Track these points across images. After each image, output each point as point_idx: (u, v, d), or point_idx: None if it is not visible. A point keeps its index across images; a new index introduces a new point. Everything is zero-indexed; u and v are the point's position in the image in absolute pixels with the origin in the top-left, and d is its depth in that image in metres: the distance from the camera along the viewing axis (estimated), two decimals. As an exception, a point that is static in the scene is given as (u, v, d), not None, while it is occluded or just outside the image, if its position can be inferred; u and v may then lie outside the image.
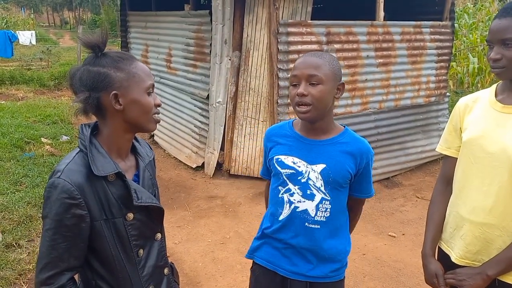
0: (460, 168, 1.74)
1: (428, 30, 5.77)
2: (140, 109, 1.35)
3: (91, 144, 1.33)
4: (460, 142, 1.74)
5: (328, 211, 1.69)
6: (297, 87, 1.58)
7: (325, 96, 1.57)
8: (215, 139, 5.51)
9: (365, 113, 5.39)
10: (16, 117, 7.74)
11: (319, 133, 1.68)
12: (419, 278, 3.45)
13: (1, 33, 13.01)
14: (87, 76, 1.30)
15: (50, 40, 25.08)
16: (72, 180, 1.27)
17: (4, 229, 3.91)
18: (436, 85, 6.10)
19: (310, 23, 4.81)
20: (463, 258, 1.70)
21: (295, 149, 1.69)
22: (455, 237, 1.74)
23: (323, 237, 1.71)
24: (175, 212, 4.58)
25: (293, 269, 1.75)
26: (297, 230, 1.70)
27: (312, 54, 1.64)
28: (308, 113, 1.58)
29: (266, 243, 1.81)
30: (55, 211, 1.27)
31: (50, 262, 1.29)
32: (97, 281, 1.39)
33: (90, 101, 1.30)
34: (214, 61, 5.37)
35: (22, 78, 11.69)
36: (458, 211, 1.72)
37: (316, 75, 1.55)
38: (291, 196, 1.69)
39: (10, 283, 3.25)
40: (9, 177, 5.09)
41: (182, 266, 3.56)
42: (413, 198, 5.09)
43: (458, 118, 1.76)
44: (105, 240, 1.34)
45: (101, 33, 1.32)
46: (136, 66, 1.35)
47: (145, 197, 1.40)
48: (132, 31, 7.90)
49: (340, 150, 1.66)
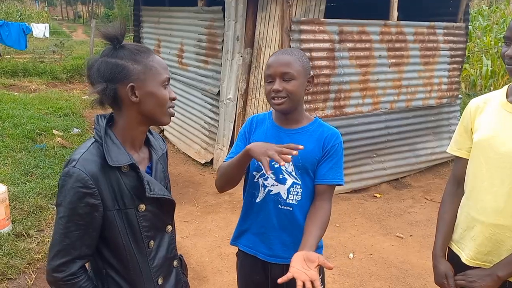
0: (471, 169, 1.73)
1: (441, 31, 5.73)
2: (155, 102, 1.36)
3: (106, 135, 1.35)
4: (471, 143, 1.73)
5: (299, 195, 1.79)
6: (272, 84, 1.71)
7: (298, 89, 1.71)
8: (224, 135, 5.52)
9: (376, 113, 5.36)
10: (29, 109, 7.83)
11: (292, 123, 1.81)
12: (426, 280, 3.44)
13: (16, 25, 13.14)
14: (105, 67, 1.31)
15: (63, 33, 25.27)
16: (86, 169, 1.29)
17: (15, 218, 3.96)
18: (448, 87, 6.05)
19: (323, 21, 4.80)
20: (474, 259, 1.69)
21: (270, 136, 1.81)
22: (465, 237, 1.73)
23: (295, 219, 1.80)
24: (183, 207, 4.61)
25: (270, 252, 1.85)
26: (271, 212, 1.81)
27: (283, 52, 1.76)
28: (283, 105, 1.71)
29: (247, 230, 1.92)
30: (69, 199, 1.29)
31: (63, 250, 1.31)
32: (107, 270, 1.41)
33: (107, 92, 1.31)
34: (226, 57, 5.38)
35: (35, 70, 11.81)
36: (469, 211, 1.71)
37: (288, 72, 1.68)
38: (265, 180, 1.81)
39: (19, 271, 3.29)
40: (20, 168, 5.15)
41: (189, 260, 3.58)
42: (422, 200, 5.06)
43: (469, 119, 1.75)
44: (117, 229, 1.36)
45: (120, 26, 1.33)
46: (153, 59, 1.36)
47: (157, 189, 1.41)
48: (145, 26, 7.94)
49: (309, 137, 1.79)
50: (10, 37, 12.71)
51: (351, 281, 3.42)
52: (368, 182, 5.28)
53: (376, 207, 4.83)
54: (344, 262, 3.68)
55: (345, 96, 5.05)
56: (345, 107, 5.09)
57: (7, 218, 3.77)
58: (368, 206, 4.84)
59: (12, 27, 12.86)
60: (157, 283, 1.47)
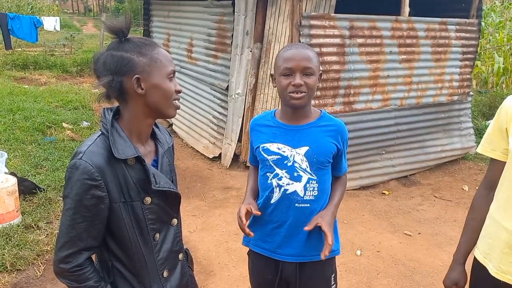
0: (506, 176, 1.57)
1: (453, 28, 5.66)
2: (161, 94, 1.37)
3: (113, 127, 1.36)
4: (506, 145, 1.59)
5: (316, 190, 1.79)
6: (290, 78, 1.70)
7: (315, 85, 1.73)
8: (232, 130, 5.52)
9: (386, 110, 5.32)
10: (39, 102, 7.89)
11: (301, 118, 1.80)
12: (434, 278, 3.41)
13: (27, 18, 13.23)
14: (110, 60, 1.32)
15: (74, 27, 25.40)
16: (93, 161, 1.30)
17: (24, 210, 4.00)
18: (459, 84, 5.98)
19: (333, 16, 4.76)
20: (505, 272, 1.56)
21: (279, 136, 1.80)
22: (494, 248, 1.59)
23: (313, 214, 1.79)
24: (191, 201, 4.62)
25: (283, 251, 1.83)
26: (288, 211, 1.80)
27: (301, 46, 1.76)
28: (302, 100, 1.71)
29: (259, 230, 1.89)
30: (76, 191, 1.30)
31: (69, 241, 1.32)
32: (113, 262, 1.42)
33: (113, 85, 1.32)
34: (235, 52, 5.36)
35: (46, 63, 11.90)
36: (501, 222, 1.57)
37: (310, 67, 1.69)
38: (279, 180, 1.80)
39: (28, 263, 3.32)
40: (30, 160, 5.19)
41: (196, 254, 3.59)
42: (431, 198, 5.02)
43: (505, 119, 1.58)
44: (123, 222, 1.37)
45: (125, 19, 1.34)
46: (158, 52, 1.37)
47: (163, 182, 1.42)
48: (154, 20, 7.95)
49: (321, 131, 1.79)
50: (22, 30, 12.81)
51: (358, 278, 3.41)
52: (377, 179, 5.24)
53: (384, 204, 4.80)
54: (351, 259, 3.67)
55: (354, 92, 5.02)
56: (355, 103, 5.05)
57: (17, 209, 3.81)
58: (376, 203, 4.81)
59: (24, 20, 12.96)
60: (162, 275, 1.48)
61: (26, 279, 3.18)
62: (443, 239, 4.06)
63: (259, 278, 1.97)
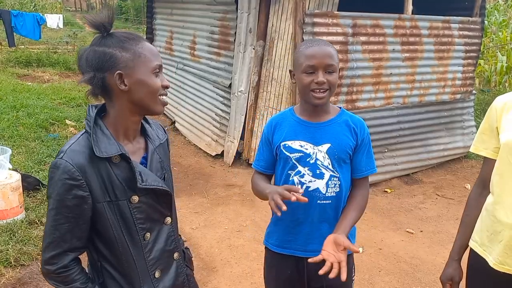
0: (498, 171, 1.62)
1: (457, 26, 5.65)
2: (145, 90, 1.32)
3: (96, 125, 1.32)
4: (497, 143, 1.64)
5: (337, 187, 1.79)
6: (312, 75, 1.68)
7: (337, 82, 1.73)
8: (235, 128, 5.53)
9: (388, 108, 5.32)
10: (42, 99, 7.91)
11: (321, 115, 1.80)
12: (436, 276, 3.42)
13: (30, 16, 13.25)
14: (92, 56, 1.29)
15: (77, 24, 25.41)
16: (73, 161, 1.27)
17: (28, 206, 4.02)
18: (462, 82, 5.98)
19: (336, 14, 4.76)
20: (503, 264, 1.59)
21: (300, 133, 1.79)
22: (493, 241, 1.62)
23: (335, 211, 1.80)
24: (193, 198, 4.63)
25: (308, 247, 1.81)
26: (310, 208, 1.78)
27: (322, 43, 1.73)
28: (324, 98, 1.71)
29: (280, 229, 1.87)
30: (57, 191, 1.27)
31: (53, 242, 1.30)
32: (102, 263, 1.40)
33: (95, 81, 1.29)
34: (238, 50, 5.37)
35: (49, 60, 11.92)
36: (496, 215, 1.61)
37: (333, 65, 1.69)
38: (302, 177, 1.79)
39: (32, 258, 3.35)
40: (33, 157, 5.22)
41: (198, 251, 3.61)
42: (433, 196, 5.02)
43: (495, 117, 1.64)
44: (108, 222, 1.33)
45: (107, 13, 1.30)
46: (142, 46, 1.32)
47: (150, 179, 1.37)
48: (157, 17, 7.95)
49: (341, 128, 1.78)
50: (25, 27, 12.84)
51: (360, 275, 3.42)
52: (379, 177, 5.25)
53: (386, 202, 4.81)
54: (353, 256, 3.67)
55: (357, 90, 5.02)
56: (357, 101, 5.06)
57: (21, 205, 3.83)
58: (379, 201, 4.82)
59: (27, 17, 12.98)
60: (154, 276, 1.44)
61: (30, 274, 3.21)
62: (445, 237, 4.06)
63: (278, 275, 1.93)
